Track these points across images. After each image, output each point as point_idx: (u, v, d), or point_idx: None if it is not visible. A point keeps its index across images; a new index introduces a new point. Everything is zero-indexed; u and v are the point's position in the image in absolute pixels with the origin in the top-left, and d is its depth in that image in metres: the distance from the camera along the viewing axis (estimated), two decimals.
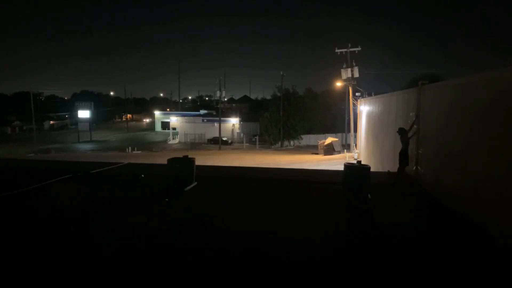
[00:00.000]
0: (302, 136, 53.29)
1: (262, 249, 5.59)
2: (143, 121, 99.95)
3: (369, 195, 8.29)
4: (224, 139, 54.84)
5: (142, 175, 11.13)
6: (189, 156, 9.87)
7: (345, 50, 35.37)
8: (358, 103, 27.59)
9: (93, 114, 68.82)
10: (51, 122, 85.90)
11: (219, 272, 4.82)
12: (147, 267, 4.91)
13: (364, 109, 23.76)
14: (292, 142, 53.45)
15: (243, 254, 5.41)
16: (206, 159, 31.23)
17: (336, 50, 35.90)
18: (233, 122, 62.06)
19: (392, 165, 12.58)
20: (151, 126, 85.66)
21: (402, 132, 9.73)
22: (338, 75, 37.78)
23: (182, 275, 4.74)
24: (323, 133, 51.41)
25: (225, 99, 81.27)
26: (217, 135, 53.95)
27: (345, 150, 36.56)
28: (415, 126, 10.07)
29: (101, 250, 5.56)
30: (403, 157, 9.45)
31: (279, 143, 52.31)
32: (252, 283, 4.56)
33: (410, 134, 9.93)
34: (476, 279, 4.65)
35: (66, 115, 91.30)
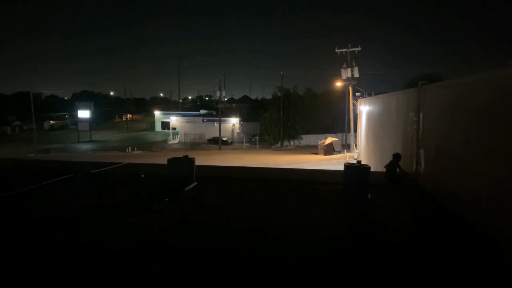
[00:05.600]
0: (302, 136, 53.23)
1: (262, 249, 5.59)
2: (143, 121, 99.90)
3: (369, 195, 8.29)
4: (224, 139, 54.80)
5: (142, 175, 11.12)
6: (189, 156, 9.87)
7: (345, 50, 35.34)
8: (358, 103, 27.58)
9: (93, 114, 68.76)
10: (51, 122, 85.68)
11: (218, 271, 4.82)
12: (147, 267, 4.91)
13: (364, 109, 23.75)
14: (292, 142, 53.41)
15: (243, 254, 5.41)
16: (206, 159, 31.22)
17: (336, 50, 35.86)
18: (233, 122, 61.99)
19: None
20: (151, 126, 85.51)
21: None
22: (338, 75, 37.77)
23: (182, 275, 4.74)
24: (323, 133, 51.34)
25: (225, 99, 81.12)
26: (217, 135, 53.92)
27: (345, 150, 36.54)
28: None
29: (101, 250, 5.56)
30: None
31: (279, 143, 52.27)
32: (251, 283, 4.56)
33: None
34: (476, 279, 4.65)
35: (66, 115, 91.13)
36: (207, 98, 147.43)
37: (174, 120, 67.25)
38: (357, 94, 37.32)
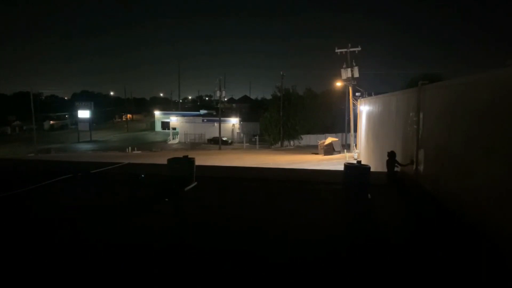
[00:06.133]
0: (302, 136, 53.20)
1: (262, 249, 5.59)
2: (143, 121, 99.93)
3: (369, 195, 8.28)
4: (224, 139, 54.77)
5: (142, 175, 11.13)
6: (189, 156, 9.87)
7: (345, 50, 35.29)
8: (358, 103, 27.58)
9: (93, 114, 68.73)
10: (51, 122, 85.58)
11: (218, 271, 4.82)
12: (147, 266, 4.91)
13: (364, 109, 23.75)
14: (292, 142, 53.38)
15: (243, 254, 5.41)
16: (206, 159, 31.20)
17: (336, 50, 35.81)
18: (233, 122, 61.96)
19: None
20: (151, 126, 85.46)
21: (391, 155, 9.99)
22: (338, 75, 37.73)
23: (182, 274, 4.74)
24: (323, 133, 51.32)
25: (225, 99, 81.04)
26: (217, 135, 53.90)
27: (345, 150, 36.52)
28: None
29: (101, 250, 5.56)
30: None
31: (279, 143, 52.24)
32: (252, 282, 4.56)
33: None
34: (476, 279, 4.65)
35: (66, 115, 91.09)
36: (207, 98, 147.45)
37: (174, 120, 67.21)
38: (357, 94, 37.30)
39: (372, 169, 8.70)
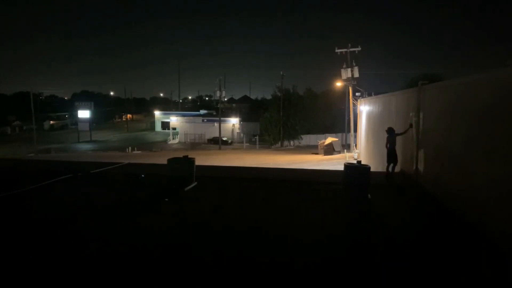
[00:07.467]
0: (302, 136, 53.21)
1: (262, 249, 5.59)
2: (143, 121, 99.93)
3: (369, 195, 8.29)
4: (224, 139, 54.79)
5: (142, 175, 11.13)
6: (189, 156, 9.87)
7: (345, 50, 35.27)
8: (358, 103, 27.57)
9: (93, 114, 68.77)
10: (51, 122, 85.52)
11: (218, 271, 4.82)
12: (147, 267, 4.91)
13: (364, 109, 23.76)
14: (292, 142, 53.40)
15: (242, 254, 5.41)
16: (206, 159, 31.19)
17: (336, 50, 35.79)
18: (233, 122, 61.98)
19: None
20: (151, 126, 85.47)
21: (390, 131, 10.61)
22: (338, 75, 37.70)
23: (181, 274, 4.74)
24: (323, 133, 51.34)
25: (225, 99, 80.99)
26: (217, 135, 53.91)
27: (345, 150, 36.51)
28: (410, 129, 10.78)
29: (101, 250, 5.56)
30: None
31: (279, 143, 52.26)
32: (252, 283, 4.56)
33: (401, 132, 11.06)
34: (476, 279, 4.65)
35: (66, 115, 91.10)
36: (207, 98, 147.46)
37: (174, 120, 67.23)
38: (357, 94, 37.32)
39: (372, 169, 8.70)
